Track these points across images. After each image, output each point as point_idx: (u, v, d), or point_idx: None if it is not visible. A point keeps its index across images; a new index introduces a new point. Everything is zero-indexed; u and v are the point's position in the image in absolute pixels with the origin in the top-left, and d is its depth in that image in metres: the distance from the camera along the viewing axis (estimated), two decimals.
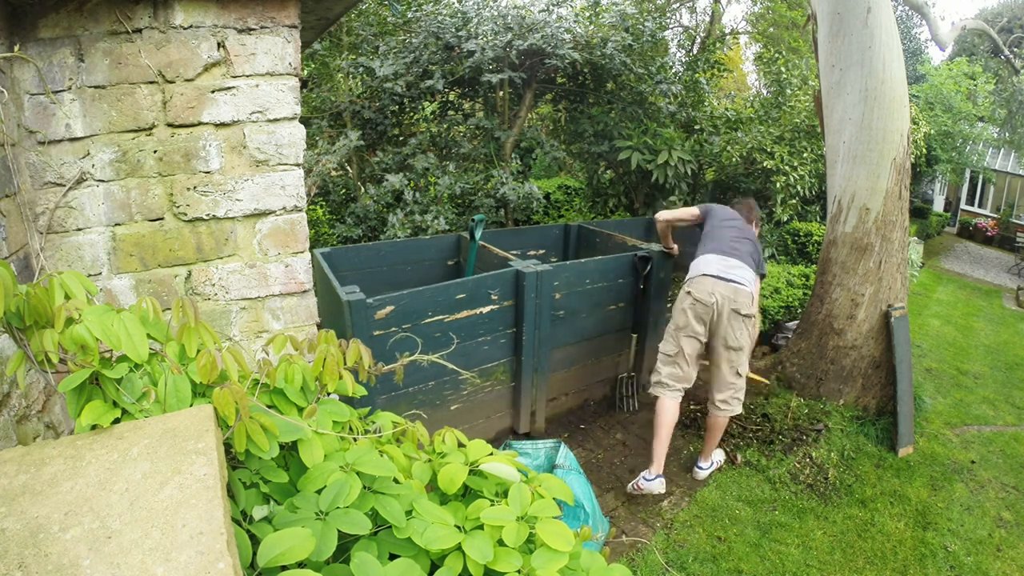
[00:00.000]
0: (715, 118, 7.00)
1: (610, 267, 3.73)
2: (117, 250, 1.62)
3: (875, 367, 3.84)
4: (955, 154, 12.39)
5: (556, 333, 3.55)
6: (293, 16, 1.67)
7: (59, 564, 0.69)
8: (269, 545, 0.85)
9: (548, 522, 1.08)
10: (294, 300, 1.86)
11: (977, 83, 12.74)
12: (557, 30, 5.70)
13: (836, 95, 3.82)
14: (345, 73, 6.21)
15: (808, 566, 2.67)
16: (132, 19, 1.50)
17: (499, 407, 3.51)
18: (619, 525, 2.91)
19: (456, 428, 1.35)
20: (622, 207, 7.15)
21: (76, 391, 0.96)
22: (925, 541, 2.88)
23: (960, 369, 5.31)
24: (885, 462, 3.48)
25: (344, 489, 1.00)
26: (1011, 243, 13.55)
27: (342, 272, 3.58)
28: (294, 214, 1.79)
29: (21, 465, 0.85)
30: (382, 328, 2.76)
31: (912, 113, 6.50)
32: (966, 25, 6.76)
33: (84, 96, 1.51)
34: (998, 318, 7.64)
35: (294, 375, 1.16)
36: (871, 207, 3.72)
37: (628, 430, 3.76)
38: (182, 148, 1.62)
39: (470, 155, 6.25)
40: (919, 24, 20.47)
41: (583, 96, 6.84)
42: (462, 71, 5.98)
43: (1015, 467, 3.60)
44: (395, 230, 5.10)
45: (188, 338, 1.07)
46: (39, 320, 0.96)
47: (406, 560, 0.97)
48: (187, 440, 0.90)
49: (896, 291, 3.81)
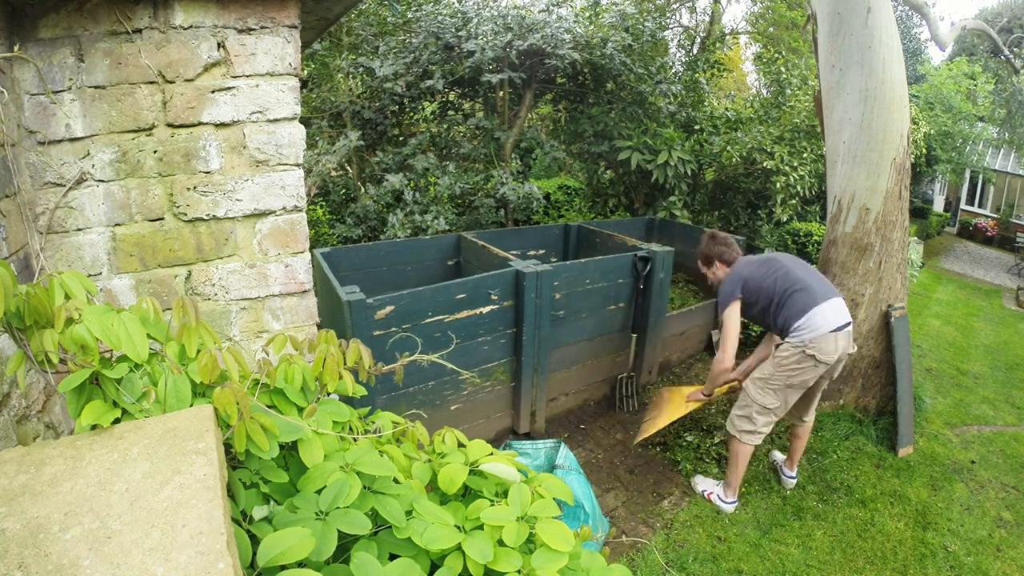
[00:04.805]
0: (715, 118, 7.00)
1: (610, 267, 3.73)
2: (117, 250, 1.62)
3: (875, 367, 3.84)
4: (955, 154, 12.39)
5: (556, 333, 3.55)
6: (293, 16, 1.66)
7: (59, 564, 0.69)
8: (269, 545, 0.85)
9: (548, 522, 1.08)
10: (294, 300, 1.85)
11: (977, 83, 12.74)
12: (557, 30, 5.70)
13: (836, 95, 3.82)
14: (345, 73, 6.20)
15: (808, 566, 2.67)
16: (132, 19, 1.50)
17: (499, 407, 3.51)
18: (619, 525, 2.91)
19: (456, 428, 1.35)
20: (622, 207, 7.15)
21: (76, 391, 0.96)
22: (925, 541, 2.88)
23: (960, 369, 5.31)
24: (885, 462, 3.48)
25: (344, 489, 1.00)
26: (1011, 243, 13.54)
27: (342, 272, 3.58)
28: (294, 214, 1.79)
29: (21, 465, 0.85)
30: (382, 328, 2.76)
31: (912, 113, 6.50)
32: (966, 25, 6.76)
33: (84, 96, 1.51)
34: (998, 318, 7.63)
35: (294, 375, 1.16)
36: (871, 207, 3.72)
37: (628, 430, 3.76)
38: (182, 148, 1.62)
39: (470, 155, 6.25)
40: (919, 24, 20.47)
41: (583, 96, 6.83)
42: (462, 71, 5.98)
43: (1015, 467, 3.60)
44: (395, 230, 5.10)
45: (188, 338, 1.07)
46: (39, 320, 0.96)
47: (406, 560, 0.97)
48: (187, 440, 0.90)
49: (896, 291, 3.81)
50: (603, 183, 7.48)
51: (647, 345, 4.06)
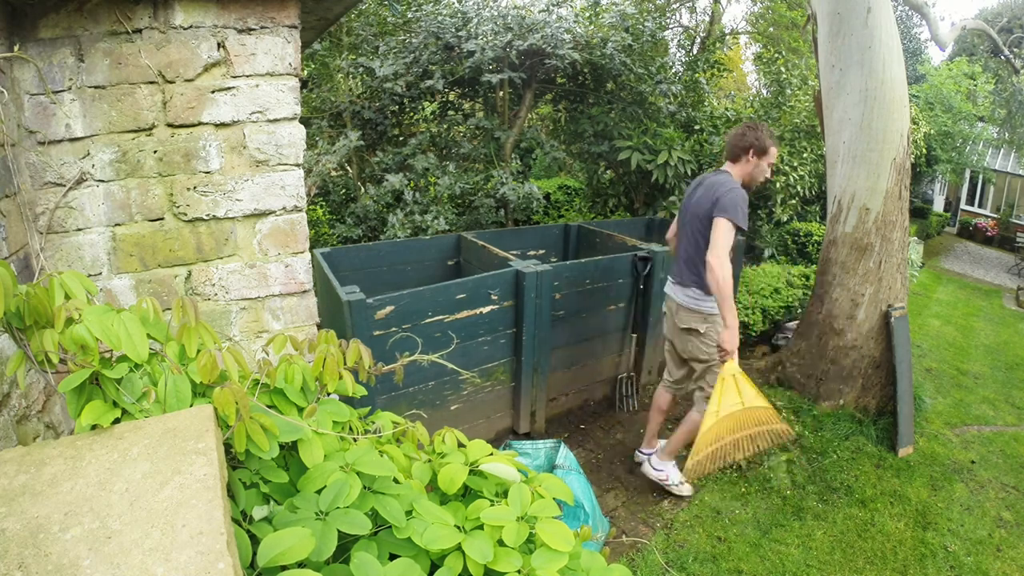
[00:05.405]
0: (715, 118, 7.00)
1: (610, 267, 3.73)
2: (117, 250, 1.62)
3: (875, 367, 3.84)
4: (955, 154, 12.39)
5: (556, 333, 3.55)
6: (293, 16, 1.66)
7: (59, 564, 0.69)
8: (269, 545, 0.85)
9: (548, 522, 1.08)
10: (294, 300, 1.86)
11: (977, 83, 12.75)
12: (557, 30, 5.70)
13: (836, 95, 3.82)
14: (345, 73, 6.20)
15: (808, 566, 2.67)
16: (132, 19, 1.50)
17: (499, 407, 3.51)
18: (619, 525, 2.91)
19: (456, 428, 1.35)
20: (622, 207, 7.15)
21: (76, 391, 0.96)
22: (925, 541, 2.88)
23: (960, 369, 5.31)
24: (885, 462, 3.48)
25: (344, 489, 1.00)
26: (1011, 243, 13.55)
27: (342, 272, 3.58)
28: (294, 214, 1.79)
29: (21, 465, 0.85)
30: (382, 328, 2.76)
31: (912, 113, 6.50)
32: (966, 25, 6.76)
33: (84, 96, 1.51)
34: (998, 318, 7.64)
35: (294, 375, 1.16)
36: (871, 207, 3.72)
37: (628, 430, 3.76)
38: (182, 148, 1.62)
39: (470, 155, 6.25)
40: (919, 24, 20.47)
41: (583, 96, 6.84)
42: (462, 71, 5.98)
43: (1015, 467, 3.60)
44: (395, 230, 5.10)
45: (188, 338, 1.07)
46: (39, 320, 0.96)
47: (406, 560, 0.97)
48: (187, 440, 0.90)
49: (896, 291, 3.81)
50: (603, 183, 7.49)
51: (647, 345, 4.06)
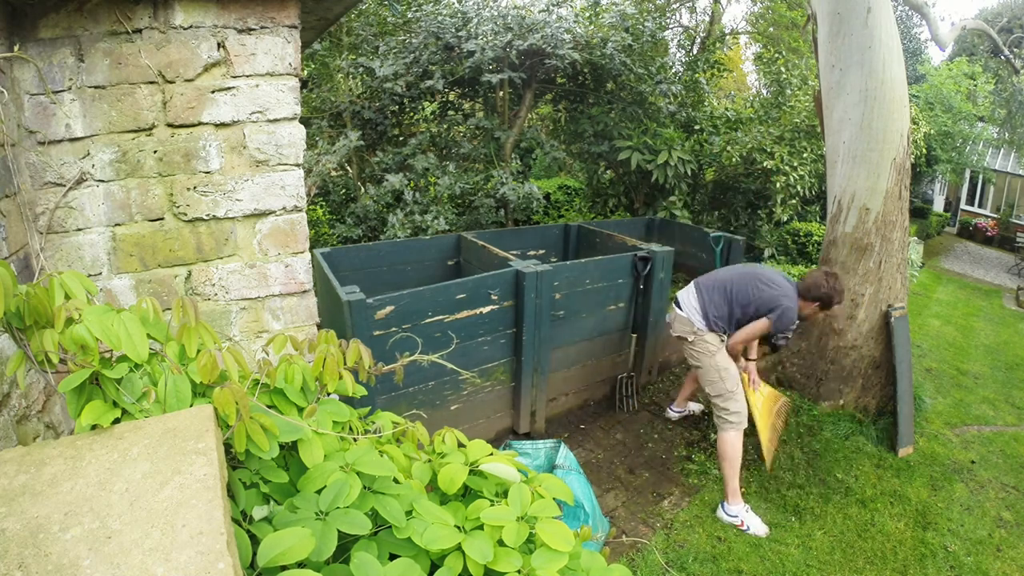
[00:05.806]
0: (715, 118, 7.01)
1: (610, 267, 3.73)
2: (117, 250, 1.62)
3: (875, 367, 3.84)
4: (955, 154, 12.39)
5: (556, 333, 3.55)
6: (293, 16, 1.66)
7: (59, 564, 0.69)
8: (269, 545, 0.85)
9: (548, 522, 1.08)
10: (294, 300, 1.85)
11: (977, 83, 12.74)
12: (557, 30, 5.70)
13: (836, 95, 3.82)
14: (345, 73, 6.20)
15: (808, 566, 2.67)
16: (132, 19, 1.50)
17: (499, 407, 3.51)
18: (619, 525, 2.91)
19: (456, 428, 1.35)
20: (622, 207, 7.15)
21: (76, 391, 0.96)
22: (925, 541, 2.88)
23: (960, 369, 5.31)
24: (885, 462, 3.48)
25: (344, 489, 1.00)
26: (1011, 243, 13.54)
27: (342, 272, 3.58)
28: (294, 214, 1.79)
29: (21, 465, 0.85)
30: (382, 328, 2.76)
31: (912, 113, 6.50)
32: (966, 25, 6.76)
33: (84, 96, 1.51)
34: (998, 318, 7.63)
35: (294, 375, 1.16)
36: (871, 207, 3.72)
37: (628, 430, 3.76)
38: (182, 148, 1.62)
39: (470, 155, 6.25)
40: (919, 24, 20.46)
41: (583, 96, 6.84)
42: (462, 71, 5.98)
43: (1015, 467, 3.60)
44: (395, 230, 5.10)
45: (188, 338, 1.07)
46: (39, 320, 0.96)
47: (406, 560, 0.97)
48: (187, 440, 0.90)
49: (896, 291, 3.81)
50: (603, 183, 7.49)
51: (647, 345, 4.06)
